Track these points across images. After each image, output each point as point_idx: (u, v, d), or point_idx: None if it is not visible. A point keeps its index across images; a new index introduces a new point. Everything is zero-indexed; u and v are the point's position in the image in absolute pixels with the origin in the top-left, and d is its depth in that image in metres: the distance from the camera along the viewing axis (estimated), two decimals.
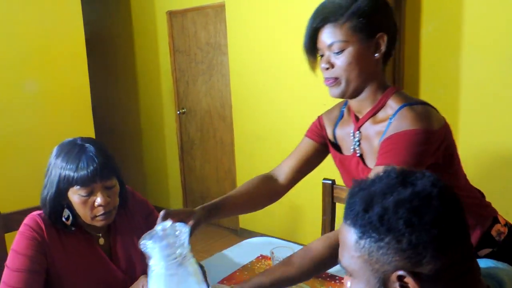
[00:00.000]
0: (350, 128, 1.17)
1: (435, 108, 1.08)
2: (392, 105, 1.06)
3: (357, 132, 1.13)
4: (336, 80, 1.06)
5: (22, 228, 1.25)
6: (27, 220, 1.25)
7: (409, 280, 0.61)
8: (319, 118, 1.30)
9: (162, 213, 1.03)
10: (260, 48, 3.17)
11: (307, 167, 1.31)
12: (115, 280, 1.28)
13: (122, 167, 1.31)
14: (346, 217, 0.68)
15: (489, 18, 2.84)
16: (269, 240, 1.66)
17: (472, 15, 2.89)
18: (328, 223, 1.74)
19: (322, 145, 1.29)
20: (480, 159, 3.02)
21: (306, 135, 1.32)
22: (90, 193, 1.19)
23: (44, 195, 1.23)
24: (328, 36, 1.04)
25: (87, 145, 1.21)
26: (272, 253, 1.31)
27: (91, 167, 1.17)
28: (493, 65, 2.87)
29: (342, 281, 1.32)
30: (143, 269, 1.09)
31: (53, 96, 3.03)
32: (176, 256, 0.88)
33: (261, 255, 1.53)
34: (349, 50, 1.03)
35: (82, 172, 1.17)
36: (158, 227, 0.94)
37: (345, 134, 1.20)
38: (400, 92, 1.09)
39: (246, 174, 3.47)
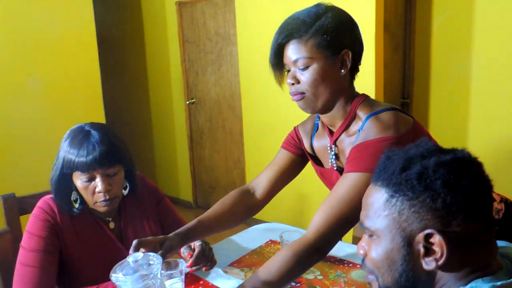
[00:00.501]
0: (326, 141, 1.18)
1: (402, 110, 1.07)
2: (361, 115, 1.07)
3: (333, 146, 1.14)
4: (302, 95, 1.07)
5: (35, 210, 1.28)
6: (40, 203, 1.29)
7: (436, 239, 0.63)
8: (296, 130, 1.30)
9: (134, 242, 1.01)
10: (269, 38, 3.14)
11: (285, 179, 1.29)
12: None
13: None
14: (378, 178, 0.70)
15: (500, 9, 2.81)
16: (277, 226, 1.68)
17: (483, 6, 2.86)
18: None
19: (299, 156, 1.27)
20: (491, 151, 3.00)
21: (283, 147, 1.31)
22: (91, 179, 1.22)
23: (51, 176, 1.26)
24: (293, 52, 1.06)
25: (92, 131, 1.23)
26: (282, 237, 1.33)
27: (91, 155, 1.18)
28: (504, 57, 2.85)
29: (350, 265, 1.34)
30: None
31: (65, 87, 3.08)
32: None
33: (271, 240, 1.55)
34: (314, 67, 1.04)
35: (82, 159, 1.19)
36: (130, 258, 0.91)
37: (322, 147, 1.20)
38: (367, 100, 1.10)
39: (255, 163, 3.49)
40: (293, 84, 1.08)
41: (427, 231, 0.63)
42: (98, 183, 1.21)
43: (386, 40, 2.87)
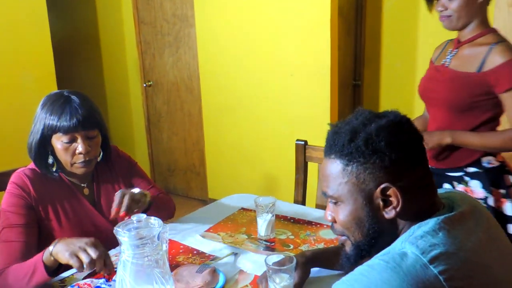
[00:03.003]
0: (450, 48, 1.59)
1: None
2: (491, 37, 1.46)
3: (455, 50, 1.55)
4: (449, 17, 1.49)
5: (9, 186, 1.31)
6: (13, 178, 1.32)
7: (392, 191, 0.74)
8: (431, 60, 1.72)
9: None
10: (227, 19, 3.22)
11: None
12: (100, 227, 1.38)
13: None
14: (330, 151, 0.80)
15: None
16: (248, 196, 1.77)
17: None
18: (301, 181, 1.87)
19: None
20: None
21: None
22: (72, 141, 1.27)
23: (30, 141, 1.30)
24: None
25: (72, 96, 1.29)
26: (256, 201, 1.41)
27: (74, 118, 1.24)
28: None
29: (318, 225, 1.47)
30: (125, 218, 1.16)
31: (17, 66, 2.97)
32: (143, 247, 0.90)
33: (242, 208, 1.65)
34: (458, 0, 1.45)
35: (65, 121, 1.24)
36: (134, 217, 0.96)
37: (443, 53, 1.64)
38: (498, 32, 1.51)
39: (214, 145, 3.55)
40: (441, 10, 1.49)
41: (383, 185, 0.74)
42: (79, 145, 1.27)
43: (340, 23, 3.01)
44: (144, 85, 3.89)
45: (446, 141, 1.47)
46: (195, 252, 1.32)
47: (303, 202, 1.88)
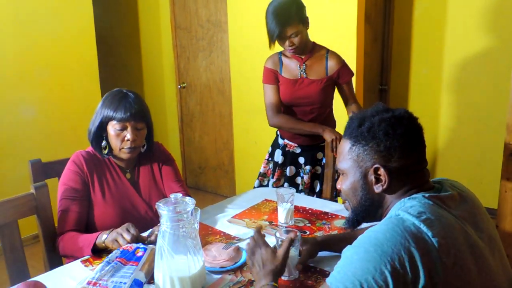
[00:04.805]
0: (295, 63, 2.11)
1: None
2: (318, 48, 2.11)
3: (303, 64, 2.09)
4: (296, 48, 2.01)
5: (69, 164, 1.58)
6: (72, 157, 1.59)
7: (381, 171, 0.92)
8: (267, 68, 2.17)
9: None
10: (258, 26, 3.37)
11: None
12: (136, 205, 1.62)
13: None
14: (345, 133, 1.00)
15: (471, 1, 3.11)
16: (272, 189, 1.93)
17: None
18: (330, 175, 2.02)
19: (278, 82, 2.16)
20: (458, 130, 3.33)
21: (269, 83, 2.16)
22: (123, 129, 1.52)
23: (90, 127, 1.57)
24: (288, 30, 1.95)
25: (129, 93, 1.56)
26: (277, 192, 1.57)
27: (128, 111, 1.50)
28: (475, 47, 3.16)
29: (333, 216, 1.61)
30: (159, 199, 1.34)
31: (64, 73, 3.25)
32: (179, 220, 1.08)
33: (266, 199, 1.81)
34: (300, 36, 1.98)
35: (120, 112, 1.50)
36: (172, 195, 1.15)
37: (291, 68, 2.12)
38: (317, 43, 2.13)
39: (243, 144, 3.72)
40: (290, 45, 2.00)
41: (375, 166, 0.92)
42: (128, 133, 1.52)
43: (366, 31, 3.12)
44: (179, 86, 4.12)
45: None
46: (222, 234, 1.50)
47: (331, 196, 2.02)
